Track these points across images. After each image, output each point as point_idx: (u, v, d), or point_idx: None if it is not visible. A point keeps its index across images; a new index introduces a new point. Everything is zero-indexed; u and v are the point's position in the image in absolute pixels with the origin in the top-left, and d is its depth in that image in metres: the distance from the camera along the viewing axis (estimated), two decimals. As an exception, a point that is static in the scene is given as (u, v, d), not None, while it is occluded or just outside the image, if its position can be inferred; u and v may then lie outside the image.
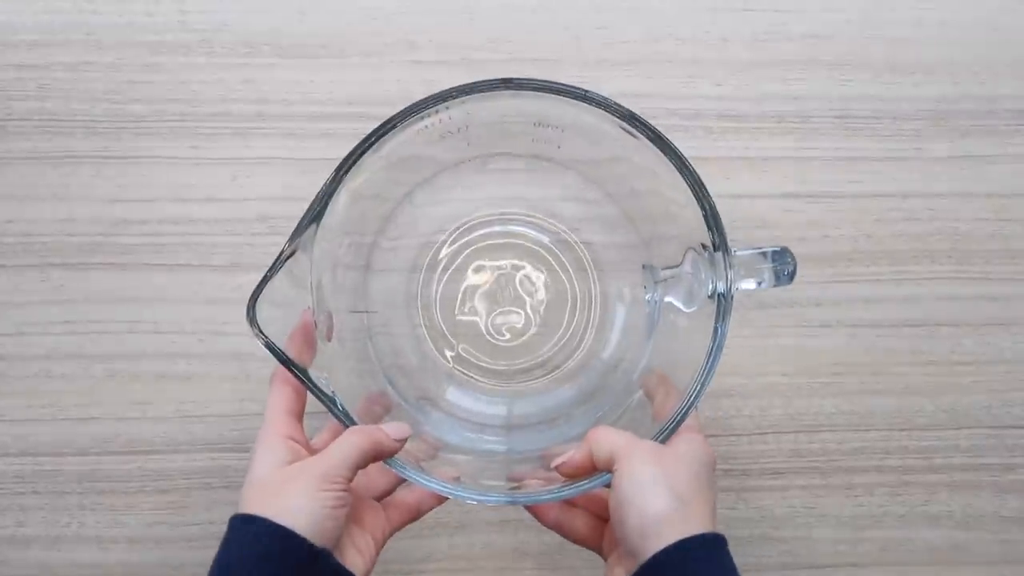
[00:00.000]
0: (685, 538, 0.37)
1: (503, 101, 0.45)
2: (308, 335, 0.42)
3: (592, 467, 0.42)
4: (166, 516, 0.54)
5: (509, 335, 0.54)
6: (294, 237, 0.42)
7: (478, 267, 0.54)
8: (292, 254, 0.41)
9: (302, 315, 0.42)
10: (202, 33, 0.56)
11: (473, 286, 0.54)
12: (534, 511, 0.45)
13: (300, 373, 0.41)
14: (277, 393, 0.42)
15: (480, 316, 0.54)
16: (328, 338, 0.45)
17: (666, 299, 0.50)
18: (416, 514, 0.45)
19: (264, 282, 0.41)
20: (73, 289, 0.55)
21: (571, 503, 0.45)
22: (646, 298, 0.53)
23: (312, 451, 0.41)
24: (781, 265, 0.43)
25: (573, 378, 0.54)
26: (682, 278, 0.48)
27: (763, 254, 0.43)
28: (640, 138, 0.44)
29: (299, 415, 0.43)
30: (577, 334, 0.55)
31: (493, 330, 0.54)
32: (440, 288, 0.54)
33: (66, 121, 0.55)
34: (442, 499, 0.45)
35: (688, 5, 0.57)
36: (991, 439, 0.56)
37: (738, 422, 0.56)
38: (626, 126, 0.44)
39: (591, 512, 0.45)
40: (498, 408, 0.54)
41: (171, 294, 0.55)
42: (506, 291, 0.55)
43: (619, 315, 0.54)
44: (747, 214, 0.56)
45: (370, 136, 0.43)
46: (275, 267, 0.41)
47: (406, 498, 0.45)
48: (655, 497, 0.38)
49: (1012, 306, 0.56)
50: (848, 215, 0.56)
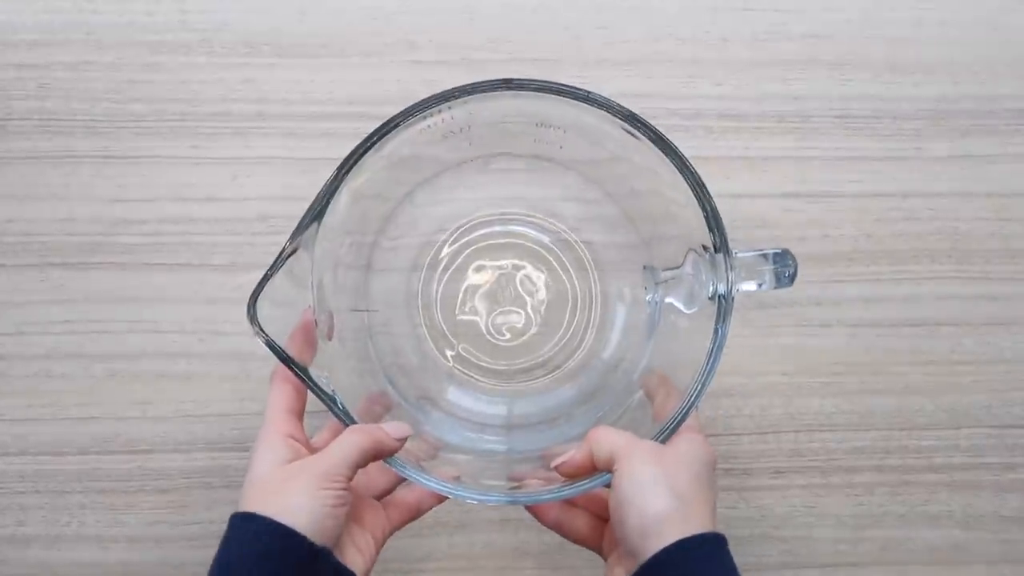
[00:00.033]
0: (685, 537, 0.37)
1: (505, 101, 0.45)
2: (309, 334, 0.42)
3: (592, 467, 0.42)
4: (166, 515, 0.54)
5: (509, 335, 0.54)
6: (295, 236, 0.42)
7: (479, 267, 0.54)
8: (293, 253, 0.41)
9: (303, 314, 0.42)
10: (202, 33, 0.56)
11: (474, 286, 0.54)
12: (534, 511, 0.45)
13: (301, 372, 0.41)
14: (277, 392, 0.42)
15: (480, 316, 0.54)
16: (329, 337, 0.45)
17: (667, 300, 0.50)
18: (416, 513, 0.45)
19: (265, 281, 0.41)
20: (73, 289, 0.55)
21: (571, 503, 0.45)
22: (647, 299, 0.53)
23: (312, 450, 0.41)
24: (782, 267, 0.43)
25: (573, 378, 0.54)
26: (683, 279, 0.48)
27: (764, 256, 0.43)
28: (641, 138, 0.44)
29: (299, 414, 0.43)
30: (578, 334, 0.55)
31: (493, 330, 0.54)
32: (441, 288, 0.54)
33: (66, 121, 0.55)
34: (442, 498, 0.45)
35: (688, 5, 0.57)
36: (991, 438, 0.56)
37: (738, 422, 0.56)
38: (627, 126, 0.44)
39: (591, 512, 0.45)
40: (498, 408, 0.54)
41: (171, 294, 0.55)
42: (507, 291, 0.55)
43: (620, 315, 0.54)
44: (747, 214, 0.56)
45: (372, 135, 0.43)
46: (276, 266, 0.41)
47: (406, 497, 0.45)
48: (655, 497, 0.38)
49: (1012, 306, 0.56)
50: (848, 215, 0.56)
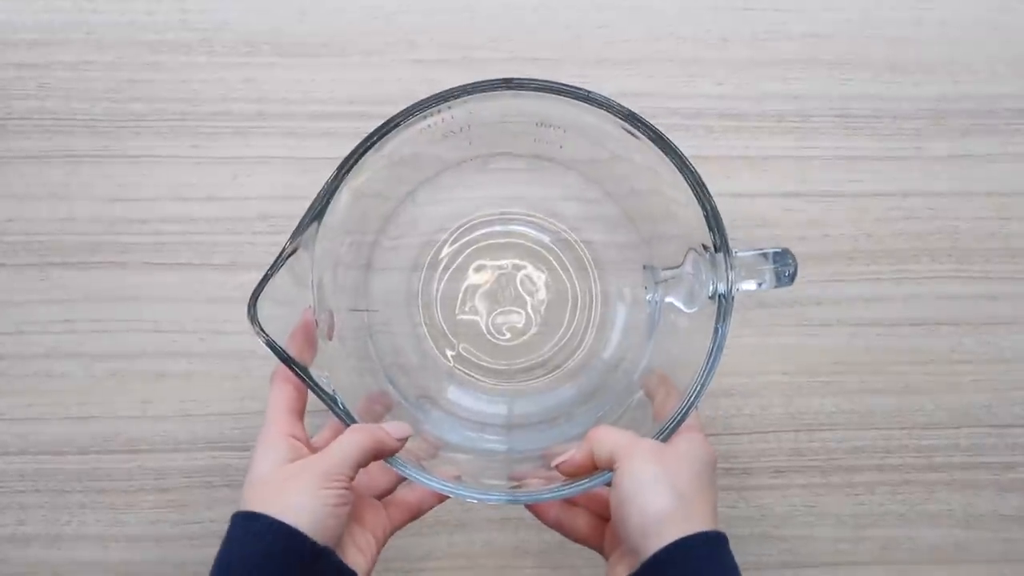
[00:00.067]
0: (686, 536, 0.37)
1: (505, 101, 0.45)
2: (309, 334, 0.42)
3: (593, 466, 0.42)
4: (167, 514, 0.54)
5: (510, 334, 0.54)
6: (295, 235, 0.42)
7: (479, 266, 0.54)
8: (293, 252, 0.41)
9: (303, 314, 0.42)
10: (203, 32, 0.56)
11: (474, 285, 0.54)
12: (535, 510, 0.45)
13: (301, 372, 0.41)
14: (278, 391, 0.42)
15: (481, 315, 0.54)
16: (329, 337, 0.45)
17: (667, 299, 0.50)
18: (417, 513, 0.45)
19: (265, 280, 0.41)
20: (73, 288, 0.55)
21: (572, 502, 0.45)
22: (647, 298, 0.53)
23: (314, 449, 0.41)
24: (782, 266, 0.43)
25: (574, 378, 0.54)
26: (683, 279, 0.48)
27: (764, 255, 0.43)
28: (641, 138, 0.44)
29: (300, 413, 0.43)
30: (578, 334, 0.55)
31: (494, 329, 0.54)
32: (441, 287, 0.54)
33: (66, 120, 0.55)
34: (443, 498, 0.45)
35: (689, 4, 0.57)
36: (991, 438, 0.56)
37: (738, 421, 0.56)
38: (627, 126, 0.44)
39: (592, 511, 0.45)
40: (499, 407, 0.54)
41: (172, 293, 0.55)
42: (507, 291, 0.55)
43: (620, 315, 0.54)
44: (747, 213, 0.56)
45: (372, 134, 0.43)
46: (276, 265, 0.41)
47: (407, 497, 0.45)
48: (656, 495, 0.38)
49: (1012, 305, 0.56)
50: (848, 214, 0.56)
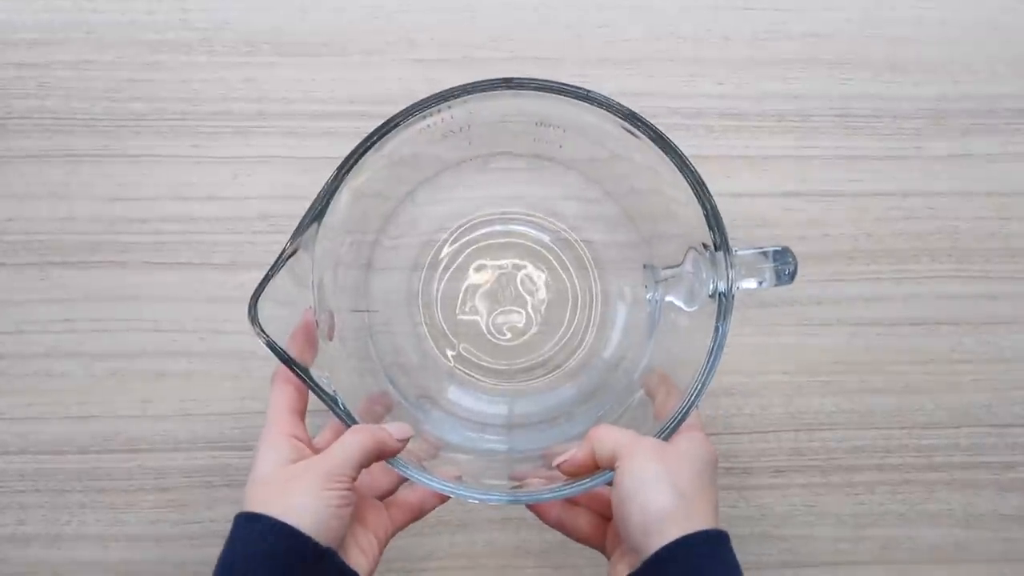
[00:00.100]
0: (688, 534, 0.37)
1: (505, 101, 0.45)
2: (310, 334, 0.42)
3: (594, 465, 0.42)
4: (167, 514, 0.54)
5: (510, 334, 0.54)
6: (295, 236, 0.42)
7: (479, 266, 0.54)
8: (294, 253, 0.41)
9: (303, 314, 0.42)
10: (203, 31, 0.55)
11: (474, 285, 0.54)
12: (537, 510, 0.45)
13: (302, 372, 0.41)
14: (279, 392, 0.42)
15: (481, 316, 0.54)
16: (329, 337, 0.45)
17: (667, 298, 0.50)
18: (419, 513, 0.45)
19: (266, 281, 0.41)
20: (73, 287, 0.55)
21: (573, 502, 0.45)
22: (647, 297, 0.53)
23: (316, 450, 0.41)
24: (782, 264, 0.43)
25: (574, 377, 0.54)
26: (683, 277, 0.48)
27: (764, 253, 0.43)
28: (641, 137, 0.44)
29: (302, 414, 0.43)
30: (578, 333, 0.55)
31: (494, 329, 0.54)
32: (441, 287, 0.54)
33: (66, 119, 0.55)
34: (445, 498, 0.45)
35: (689, 4, 0.57)
36: (991, 437, 0.56)
37: (739, 421, 0.56)
38: (627, 125, 0.44)
39: (594, 510, 0.45)
40: (499, 407, 0.54)
41: (172, 292, 0.55)
42: (507, 290, 0.55)
43: (620, 314, 0.54)
44: (747, 213, 0.56)
45: (372, 135, 0.43)
46: (276, 266, 0.41)
47: (408, 497, 0.45)
48: (658, 494, 0.38)
49: (1012, 305, 0.56)
50: (848, 214, 0.56)
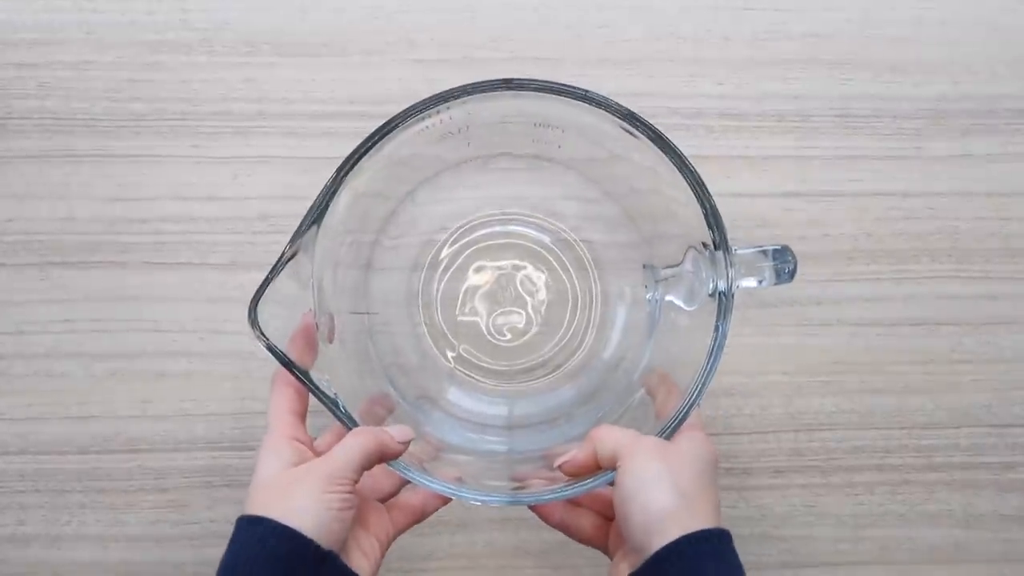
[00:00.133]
0: (689, 533, 0.37)
1: (504, 101, 0.45)
2: (309, 337, 0.42)
3: (595, 465, 0.42)
4: (167, 515, 0.54)
5: (510, 335, 0.54)
6: (295, 238, 0.42)
7: (479, 267, 0.54)
8: (293, 256, 0.41)
9: (303, 317, 0.42)
10: (203, 32, 0.55)
11: (474, 286, 0.54)
12: (540, 512, 0.45)
13: (302, 375, 0.41)
14: (279, 394, 0.42)
15: (481, 316, 0.54)
16: (329, 340, 0.45)
17: (667, 298, 0.50)
18: (421, 516, 0.45)
19: (265, 284, 0.41)
20: (73, 288, 0.55)
21: (575, 503, 0.45)
22: (647, 297, 0.53)
23: (317, 453, 0.41)
24: (782, 263, 0.43)
25: (574, 378, 0.54)
26: (683, 277, 0.48)
27: (764, 252, 0.43)
28: (640, 137, 0.43)
29: (302, 416, 0.43)
30: (578, 334, 0.55)
31: (494, 330, 0.54)
32: (441, 287, 0.54)
33: (66, 120, 0.55)
34: (446, 500, 0.45)
35: (689, 4, 0.57)
36: (991, 437, 0.56)
37: (738, 421, 0.56)
38: (626, 125, 0.44)
39: (596, 511, 0.45)
40: (499, 408, 0.54)
41: (172, 292, 0.55)
42: (507, 291, 0.55)
43: (620, 314, 0.54)
44: (747, 213, 0.56)
45: (371, 136, 0.43)
46: (276, 269, 0.41)
47: (410, 500, 0.45)
48: (659, 493, 0.38)
49: (1012, 305, 0.56)
50: (848, 214, 0.56)
